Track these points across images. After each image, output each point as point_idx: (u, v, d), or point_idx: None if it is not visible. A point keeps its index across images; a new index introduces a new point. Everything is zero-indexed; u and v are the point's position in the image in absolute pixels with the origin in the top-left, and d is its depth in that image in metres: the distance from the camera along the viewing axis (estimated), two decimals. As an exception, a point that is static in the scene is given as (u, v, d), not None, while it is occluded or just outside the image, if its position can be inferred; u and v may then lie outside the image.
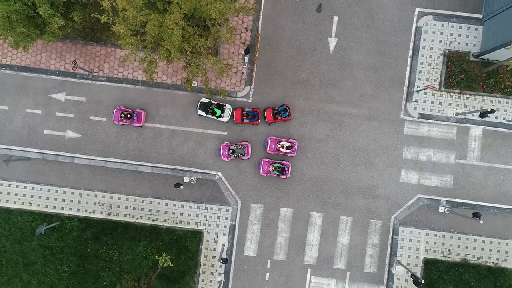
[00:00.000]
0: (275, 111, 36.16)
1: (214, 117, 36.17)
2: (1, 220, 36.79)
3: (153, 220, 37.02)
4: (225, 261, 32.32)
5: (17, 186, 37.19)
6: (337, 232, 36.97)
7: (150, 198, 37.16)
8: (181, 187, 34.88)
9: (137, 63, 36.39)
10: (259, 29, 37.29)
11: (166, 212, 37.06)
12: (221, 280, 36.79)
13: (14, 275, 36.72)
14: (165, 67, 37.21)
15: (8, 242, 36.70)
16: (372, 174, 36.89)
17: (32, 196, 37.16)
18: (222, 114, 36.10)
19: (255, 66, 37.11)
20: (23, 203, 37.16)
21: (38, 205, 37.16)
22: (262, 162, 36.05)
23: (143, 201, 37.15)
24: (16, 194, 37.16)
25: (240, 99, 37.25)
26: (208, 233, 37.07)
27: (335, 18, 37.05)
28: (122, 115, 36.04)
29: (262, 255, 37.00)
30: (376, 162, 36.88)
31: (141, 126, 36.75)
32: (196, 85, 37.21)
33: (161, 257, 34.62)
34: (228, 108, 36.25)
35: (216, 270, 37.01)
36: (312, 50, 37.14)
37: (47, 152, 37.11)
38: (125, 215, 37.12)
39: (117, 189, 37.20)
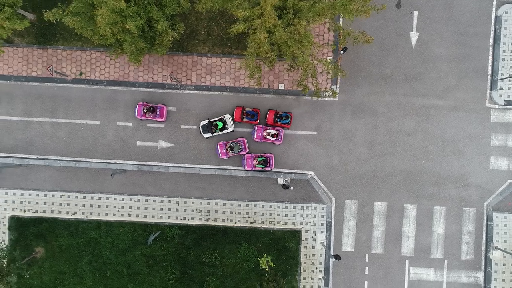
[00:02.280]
0: (277, 115, 36.73)
1: (220, 132, 36.68)
2: (104, 233, 37.36)
3: (251, 222, 37.67)
4: (337, 257, 32.98)
5: (115, 199, 37.77)
6: (432, 222, 37.67)
7: (247, 201, 37.78)
8: (291, 188, 35.55)
9: (240, 70, 36.94)
10: (341, 29, 37.87)
11: (263, 214, 37.71)
12: (322, 277, 37.48)
13: (120, 286, 37.31)
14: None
15: (112, 254, 37.27)
16: (462, 163, 37.59)
17: (130, 208, 37.75)
18: (225, 126, 36.62)
19: (340, 65, 37.73)
20: (122, 215, 37.74)
21: (137, 215, 37.76)
22: (246, 158, 36.58)
23: (239, 205, 37.79)
24: (114, 207, 37.75)
25: (326, 99, 37.91)
26: (306, 231, 37.74)
27: (415, 13, 37.70)
28: (145, 110, 36.45)
29: (359, 250, 37.68)
30: (465, 151, 37.59)
31: (163, 121, 37.13)
32: (283, 88, 37.86)
33: (262, 259, 35.38)
34: (228, 117, 36.77)
35: (316, 268, 37.69)
36: (395, 45, 37.80)
37: (142, 163, 37.70)
38: (223, 220, 37.75)
39: (213, 195, 37.82)
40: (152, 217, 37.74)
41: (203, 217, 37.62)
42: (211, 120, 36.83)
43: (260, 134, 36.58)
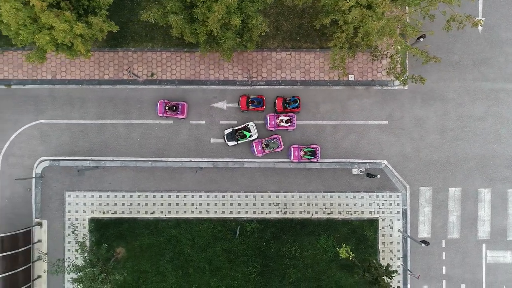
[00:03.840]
0: (286, 101, 37.06)
1: (245, 140, 37.08)
2: (183, 231, 37.79)
3: (328, 213, 38.06)
4: (426, 242, 33.32)
5: (192, 196, 38.19)
6: (507, 205, 37.98)
7: (322, 193, 38.16)
8: (378, 176, 35.94)
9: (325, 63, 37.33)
10: (407, 19, 38.15)
11: (339, 205, 38.09)
12: (401, 265, 37.85)
13: (202, 282, 37.75)
14: (321, 65, 38.20)
15: (193, 251, 37.71)
16: (534, 145, 37.91)
17: (208, 204, 38.17)
18: (251, 134, 37.07)
19: (407, 53, 38.01)
20: (200, 212, 38.17)
21: (215, 212, 38.17)
22: (292, 149, 36.94)
23: (315, 197, 38.17)
24: (192, 204, 38.17)
25: (396, 87, 38.24)
26: (383, 220, 38.10)
27: (481, -2, 38.01)
28: (167, 108, 36.77)
29: (436, 236, 38.02)
30: (537, 133, 37.91)
31: (184, 118, 37.47)
32: (353, 78, 38.20)
33: (342, 249, 35.65)
34: (252, 125, 37.25)
35: (394, 255, 38.06)
36: (461, 31, 37.89)
37: (217, 160, 38.11)
38: (300, 212, 38.14)
39: (289, 188, 38.20)
40: (230, 213, 38.15)
41: (281, 211, 38.02)
42: (235, 128, 37.16)
43: (273, 122, 36.95)
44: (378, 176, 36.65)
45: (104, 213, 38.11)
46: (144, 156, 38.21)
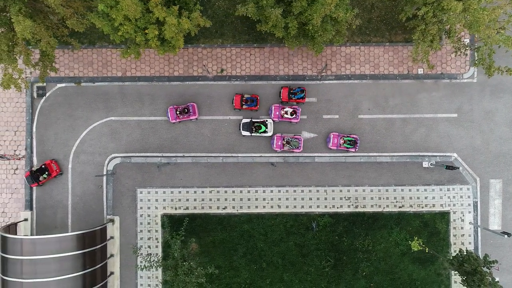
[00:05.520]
0: (291, 91, 37.19)
1: (258, 133, 37.23)
2: (256, 226, 37.93)
3: (400, 207, 38.17)
4: (508, 234, 33.43)
5: (264, 191, 38.32)
6: None
7: (394, 186, 38.28)
8: (459, 168, 36.12)
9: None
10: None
11: (411, 198, 38.20)
12: (473, 257, 37.93)
13: (275, 277, 37.88)
14: (390, 58, 38.34)
15: (266, 246, 37.86)
16: None
17: (279, 199, 38.30)
18: (266, 129, 37.25)
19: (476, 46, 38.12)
20: (272, 207, 38.30)
21: (287, 206, 38.30)
22: (332, 136, 37.10)
23: (387, 190, 38.29)
24: (264, 199, 38.31)
25: (465, 81, 38.35)
26: (454, 212, 38.21)
27: (548, -10, 37.99)
28: (178, 112, 37.02)
29: (506, 228, 38.09)
30: None
31: (196, 118, 37.63)
32: (422, 72, 38.31)
33: (414, 242, 35.81)
34: (270, 122, 37.40)
35: (466, 248, 38.03)
36: (530, 24, 38.10)
37: (287, 155, 38.22)
38: (372, 206, 38.26)
39: (360, 182, 38.33)
40: (302, 207, 38.28)
41: (352, 204, 38.14)
42: (254, 120, 37.34)
43: (277, 113, 37.09)
44: (460, 168, 36.76)
45: (176, 209, 38.26)
46: (215, 152, 38.37)
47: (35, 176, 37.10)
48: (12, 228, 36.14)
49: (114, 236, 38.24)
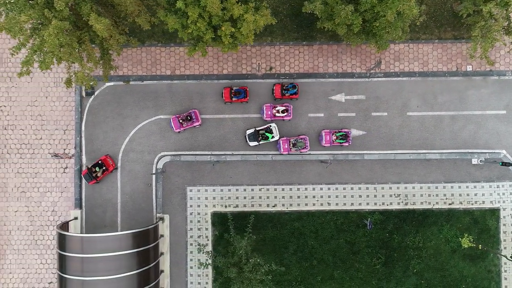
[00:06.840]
0: (284, 88, 37.18)
1: (265, 141, 37.27)
2: (306, 223, 37.98)
3: (449, 204, 38.21)
4: None
5: (313, 189, 38.37)
6: None
7: (443, 183, 38.31)
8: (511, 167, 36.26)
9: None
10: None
11: (460, 195, 38.23)
12: (523, 253, 38.00)
13: (326, 274, 37.95)
14: (439, 56, 38.37)
15: (316, 243, 37.92)
16: None
17: (329, 197, 38.36)
18: (273, 135, 37.26)
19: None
20: (321, 204, 38.35)
21: (336, 204, 38.36)
22: (324, 134, 37.10)
23: (436, 187, 38.32)
24: (314, 197, 38.35)
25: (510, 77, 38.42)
26: (504, 209, 38.24)
27: None
28: (181, 121, 37.03)
29: (556, 225, 38.19)
30: None
31: (200, 125, 37.66)
32: (471, 69, 38.32)
33: (464, 238, 35.83)
34: (274, 126, 37.37)
35: (516, 245, 38.24)
36: None
37: (336, 152, 38.27)
38: (421, 203, 38.29)
39: (410, 179, 38.36)
40: (351, 205, 38.34)
41: (402, 201, 38.17)
42: (257, 128, 37.34)
43: (269, 112, 37.10)
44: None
45: (226, 207, 38.33)
46: (264, 150, 38.36)
47: (92, 173, 37.04)
48: (64, 226, 36.22)
49: (164, 234, 38.32)
